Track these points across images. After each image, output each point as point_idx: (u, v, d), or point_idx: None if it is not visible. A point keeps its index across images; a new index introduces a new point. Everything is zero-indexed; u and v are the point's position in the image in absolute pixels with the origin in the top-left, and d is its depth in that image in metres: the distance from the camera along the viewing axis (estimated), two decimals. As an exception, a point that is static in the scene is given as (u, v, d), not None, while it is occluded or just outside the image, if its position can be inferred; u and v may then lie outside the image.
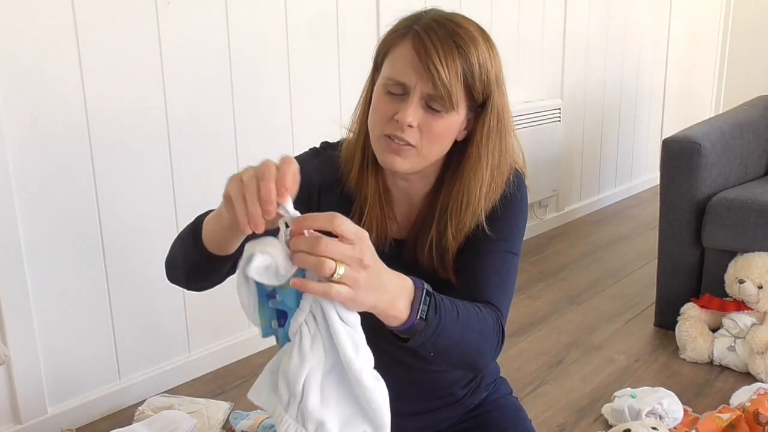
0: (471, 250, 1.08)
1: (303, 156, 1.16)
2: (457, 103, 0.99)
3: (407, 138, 0.99)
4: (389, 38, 1.04)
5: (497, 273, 1.06)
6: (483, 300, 1.02)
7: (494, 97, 1.03)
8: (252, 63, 2.14)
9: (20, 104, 1.68)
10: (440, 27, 1.00)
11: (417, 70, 0.98)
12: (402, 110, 0.98)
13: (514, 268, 1.10)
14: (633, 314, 2.61)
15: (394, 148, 1.00)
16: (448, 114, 0.99)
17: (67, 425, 1.86)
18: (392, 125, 0.99)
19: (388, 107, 1.00)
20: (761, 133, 2.62)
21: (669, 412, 1.84)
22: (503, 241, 1.09)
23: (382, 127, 1.00)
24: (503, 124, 1.04)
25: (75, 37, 1.74)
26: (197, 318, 2.15)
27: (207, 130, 2.07)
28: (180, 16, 1.94)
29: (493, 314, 1.00)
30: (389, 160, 1.01)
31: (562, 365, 2.23)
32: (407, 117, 0.97)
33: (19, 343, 1.75)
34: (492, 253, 1.08)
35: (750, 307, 2.18)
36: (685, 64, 4.67)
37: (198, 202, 2.07)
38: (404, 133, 0.98)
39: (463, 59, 0.98)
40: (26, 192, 1.72)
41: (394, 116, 0.98)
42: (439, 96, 0.97)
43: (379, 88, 1.03)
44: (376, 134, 1.02)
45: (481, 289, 1.04)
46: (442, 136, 1.01)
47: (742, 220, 2.21)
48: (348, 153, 1.11)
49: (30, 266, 1.75)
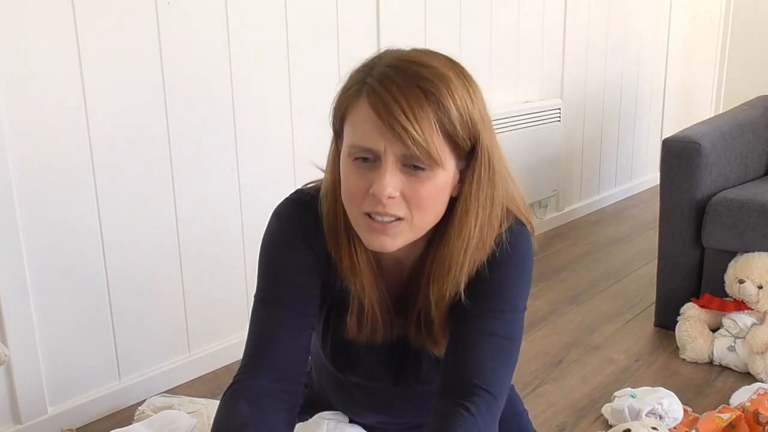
0: (455, 326, 0.94)
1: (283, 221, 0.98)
2: (440, 158, 0.83)
3: (392, 212, 0.84)
4: (343, 99, 0.88)
5: (485, 350, 0.90)
6: (470, 386, 0.88)
7: (482, 140, 0.87)
8: (252, 63, 2.14)
9: (20, 104, 1.68)
10: (399, 73, 0.82)
11: (382, 131, 0.81)
12: (377, 180, 0.82)
13: (510, 335, 0.93)
14: (633, 314, 2.61)
15: (378, 227, 0.85)
16: (433, 171, 0.84)
17: (67, 425, 1.86)
18: (370, 201, 0.84)
19: (360, 180, 0.84)
20: (761, 133, 2.62)
21: (669, 412, 1.84)
22: (493, 308, 0.93)
23: (359, 206, 0.85)
24: (494, 170, 0.89)
25: (75, 37, 1.74)
26: (197, 318, 2.15)
27: (207, 131, 2.07)
28: (180, 16, 1.94)
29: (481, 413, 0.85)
30: (376, 243, 0.86)
31: (562, 365, 2.23)
32: (385, 188, 0.82)
33: (19, 343, 1.75)
34: (477, 321, 0.92)
35: (750, 307, 2.18)
36: (685, 64, 4.67)
37: (198, 201, 2.07)
38: (386, 207, 0.83)
39: (435, 106, 0.82)
40: (26, 192, 1.72)
41: (370, 189, 0.83)
42: (416, 155, 0.81)
43: (345, 158, 0.87)
44: (353, 214, 0.87)
45: (466, 372, 0.89)
46: (433, 199, 0.86)
47: (742, 220, 2.21)
48: (332, 239, 0.95)
49: (30, 266, 1.75)
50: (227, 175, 2.12)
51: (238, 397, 0.91)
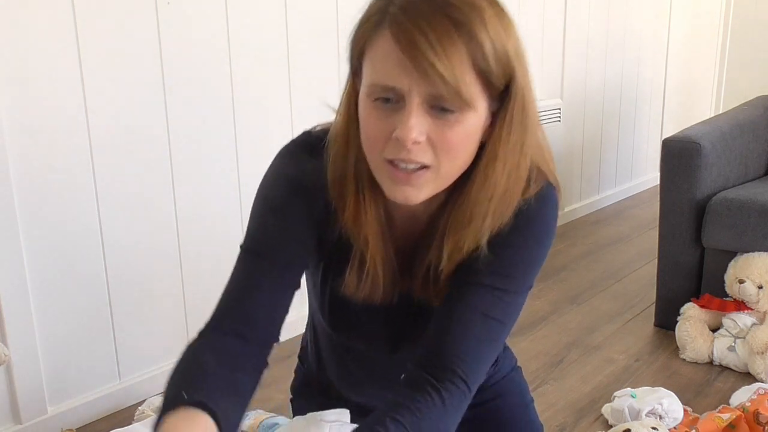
0: (456, 285, 0.86)
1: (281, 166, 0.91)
2: (471, 99, 0.74)
3: (417, 159, 0.75)
4: (361, 32, 0.79)
5: (476, 333, 0.83)
6: (450, 372, 0.81)
7: (517, 78, 0.78)
8: (252, 63, 2.14)
9: (20, 104, 1.68)
10: (425, 1, 0.73)
11: (406, 68, 0.72)
12: (401, 124, 0.73)
13: (507, 318, 0.86)
14: (633, 314, 2.61)
15: (402, 177, 0.76)
16: (463, 114, 0.75)
17: (67, 425, 1.86)
18: (393, 146, 0.75)
19: (382, 123, 0.76)
20: (761, 133, 2.62)
21: (669, 412, 1.84)
22: (502, 277, 0.85)
23: (381, 152, 0.77)
24: (527, 113, 0.79)
25: (75, 37, 1.74)
26: (197, 318, 2.15)
27: (207, 130, 2.07)
28: (180, 16, 1.94)
29: (452, 399, 0.80)
30: (400, 194, 0.78)
31: (562, 365, 2.23)
32: (410, 132, 0.73)
33: (19, 343, 1.75)
34: (478, 295, 0.84)
35: (750, 307, 2.18)
36: (685, 64, 4.66)
37: (198, 202, 2.07)
38: (411, 153, 0.75)
39: (467, 38, 0.72)
40: (26, 192, 1.72)
41: (393, 134, 0.75)
42: (444, 95, 0.73)
43: (364, 99, 0.78)
44: (374, 162, 0.79)
45: (450, 355, 0.82)
46: (462, 145, 0.77)
47: (742, 220, 2.21)
48: (337, 184, 0.85)
49: (30, 266, 1.75)
50: (227, 175, 2.12)
51: (204, 351, 0.86)
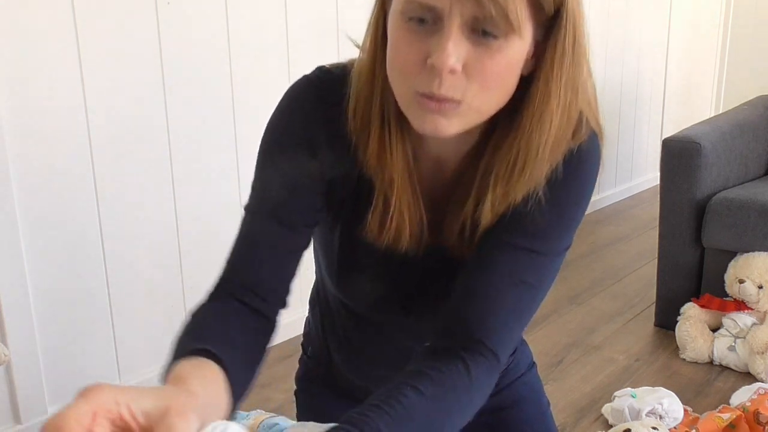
0: (487, 245, 0.77)
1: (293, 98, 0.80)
2: (519, 22, 0.64)
3: (449, 93, 0.66)
4: None
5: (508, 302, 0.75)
6: (478, 343, 0.74)
7: (569, 3, 0.69)
8: (252, 63, 2.14)
9: (20, 105, 1.68)
10: None
11: None
12: (437, 49, 0.64)
13: (542, 283, 0.78)
14: (633, 314, 2.61)
15: (433, 107, 0.67)
16: (507, 40, 0.65)
17: (67, 425, 1.86)
18: (425, 77, 0.66)
19: (415, 47, 0.66)
20: (761, 133, 2.62)
21: (669, 412, 1.84)
22: (540, 237, 0.76)
23: (412, 82, 0.67)
24: (579, 44, 0.70)
25: (75, 37, 1.74)
26: (197, 318, 2.15)
27: (207, 130, 2.07)
28: (180, 16, 1.94)
29: (480, 372, 0.73)
30: (429, 124, 0.68)
31: (562, 365, 2.23)
32: (447, 58, 0.63)
33: (19, 343, 1.75)
34: (512, 258, 0.76)
35: (750, 307, 2.18)
36: (685, 64, 4.67)
37: (198, 201, 2.07)
38: (443, 86, 0.65)
39: None
40: (26, 192, 1.72)
41: (427, 60, 0.65)
42: (490, 16, 0.63)
43: (395, 19, 0.67)
44: (402, 92, 0.69)
45: (479, 326, 0.74)
46: (502, 77, 0.67)
47: (742, 220, 2.21)
48: (359, 115, 0.76)
49: (30, 266, 1.75)
50: (227, 175, 2.12)
51: (210, 312, 0.81)
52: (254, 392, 2.28)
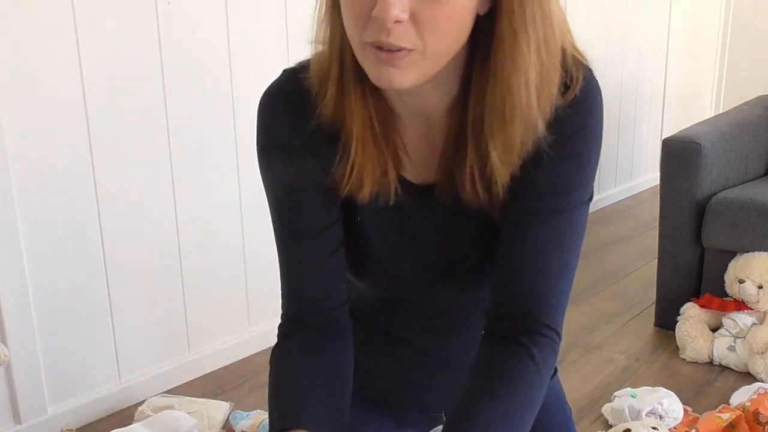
0: (513, 218, 0.75)
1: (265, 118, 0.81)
2: None
3: (398, 42, 0.65)
4: None
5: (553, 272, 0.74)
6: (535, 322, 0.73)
7: None
8: (252, 63, 2.14)
9: (20, 104, 1.68)
10: None
11: None
12: (379, 1, 0.63)
13: (577, 241, 0.76)
14: (633, 314, 2.61)
15: (384, 57, 0.66)
16: None
17: (67, 425, 1.86)
18: (373, 28, 0.65)
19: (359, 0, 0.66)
20: (761, 133, 2.62)
21: (669, 412, 1.84)
22: (564, 195, 0.74)
23: (361, 33, 0.67)
24: None
25: (75, 37, 1.74)
26: (197, 318, 2.15)
27: (207, 129, 2.07)
28: (180, 16, 1.94)
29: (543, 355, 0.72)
30: (384, 77, 0.67)
31: (562, 365, 2.23)
32: (390, 9, 0.63)
33: (19, 343, 1.75)
34: (544, 225, 0.73)
35: (750, 307, 2.18)
36: (685, 64, 4.66)
37: (198, 201, 2.07)
38: (391, 35, 0.64)
39: None
40: (26, 192, 1.72)
41: (371, 12, 0.65)
42: None
43: None
44: (356, 46, 0.69)
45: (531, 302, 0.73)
46: (452, 21, 0.66)
47: (742, 220, 2.21)
48: (320, 70, 0.77)
49: (30, 266, 1.75)
50: (227, 175, 2.12)
51: (290, 364, 0.82)
52: (254, 392, 2.29)
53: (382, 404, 1.01)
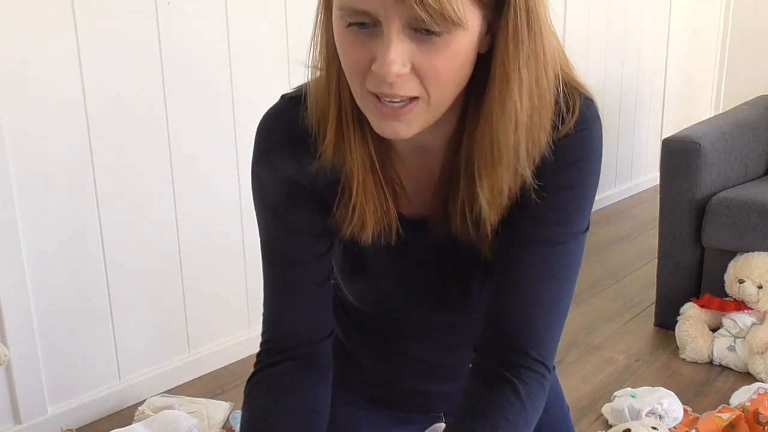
0: (506, 247, 0.74)
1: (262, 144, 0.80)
2: (459, 16, 0.61)
3: (402, 93, 0.64)
4: None
5: (543, 302, 0.73)
6: (521, 355, 0.72)
7: None
8: (252, 63, 2.14)
9: (20, 104, 1.68)
10: None
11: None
12: (379, 56, 0.62)
13: (570, 273, 0.75)
14: (633, 314, 2.61)
15: (388, 112, 0.66)
16: (452, 35, 0.62)
17: (67, 425, 1.86)
18: (374, 80, 0.64)
19: (358, 52, 0.64)
20: (761, 133, 2.62)
21: (669, 412, 1.84)
22: (559, 225, 0.73)
23: (362, 83, 0.66)
24: (534, 15, 0.65)
25: (75, 37, 1.74)
26: (197, 318, 2.15)
27: (206, 129, 2.07)
28: (180, 16, 1.94)
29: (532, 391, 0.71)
30: (388, 130, 0.67)
31: (562, 365, 2.23)
32: (390, 66, 0.62)
33: (19, 343, 1.75)
34: (536, 255, 0.73)
35: (750, 307, 2.18)
36: (685, 64, 4.66)
37: (198, 201, 2.07)
38: (394, 87, 0.64)
39: None
40: (26, 191, 1.72)
41: (371, 66, 0.64)
42: (428, 18, 0.60)
43: (337, 23, 0.67)
44: (357, 93, 0.68)
45: (518, 334, 0.72)
46: (453, 69, 0.65)
47: (742, 220, 2.21)
48: (318, 109, 0.74)
49: (30, 266, 1.75)
50: (227, 175, 2.12)
51: (264, 400, 0.81)
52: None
53: (382, 405, 1.02)
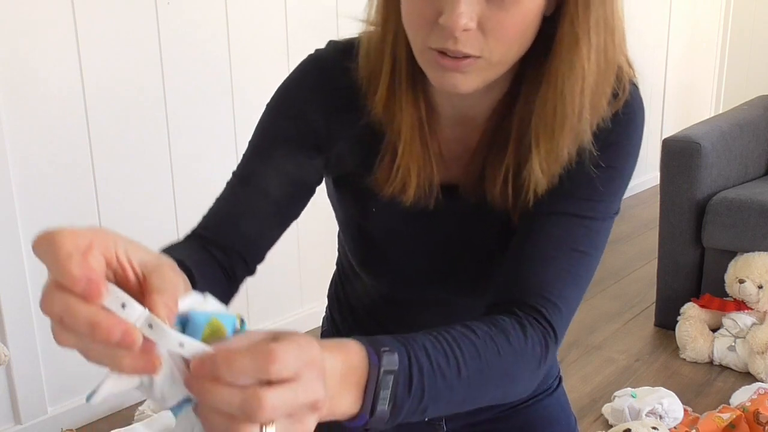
0: (535, 214, 0.73)
1: (295, 79, 0.84)
2: None
3: (465, 49, 0.63)
4: None
5: (561, 270, 0.71)
6: (530, 308, 0.69)
7: None
8: (252, 63, 2.14)
9: (20, 104, 1.68)
10: None
11: None
12: (448, 8, 0.61)
13: (596, 248, 0.73)
14: (633, 314, 2.61)
15: (450, 64, 0.64)
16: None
17: (67, 425, 1.86)
18: (438, 34, 0.63)
19: (427, 4, 0.63)
20: (761, 133, 2.62)
21: (669, 412, 1.84)
22: (591, 202, 0.72)
23: (426, 38, 0.64)
24: None
25: (75, 37, 1.74)
26: (197, 318, 2.15)
27: (206, 130, 2.07)
28: (180, 16, 1.94)
29: (534, 334, 0.68)
30: (448, 82, 0.65)
31: (562, 365, 2.22)
32: (459, 18, 0.61)
33: (19, 343, 1.75)
34: (564, 227, 0.71)
35: (750, 307, 2.18)
36: (685, 64, 4.67)
37: (197, 201, 2.07)
38: (459, 43, 0.62)
39: None
40: (26, 191, 1.72)
41: (438, 18, 0.62)
42: None
43: None
44: (418, 47, 0.67)
45: (530, 290, 0.70)
46: (520, 28, 0.64)
47: (742, 220, 2.21)
48: (370, 63, 0.73)
49: (30, 266, 1.75)
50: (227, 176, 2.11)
51: (183, 249, 0.77)
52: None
53: None
